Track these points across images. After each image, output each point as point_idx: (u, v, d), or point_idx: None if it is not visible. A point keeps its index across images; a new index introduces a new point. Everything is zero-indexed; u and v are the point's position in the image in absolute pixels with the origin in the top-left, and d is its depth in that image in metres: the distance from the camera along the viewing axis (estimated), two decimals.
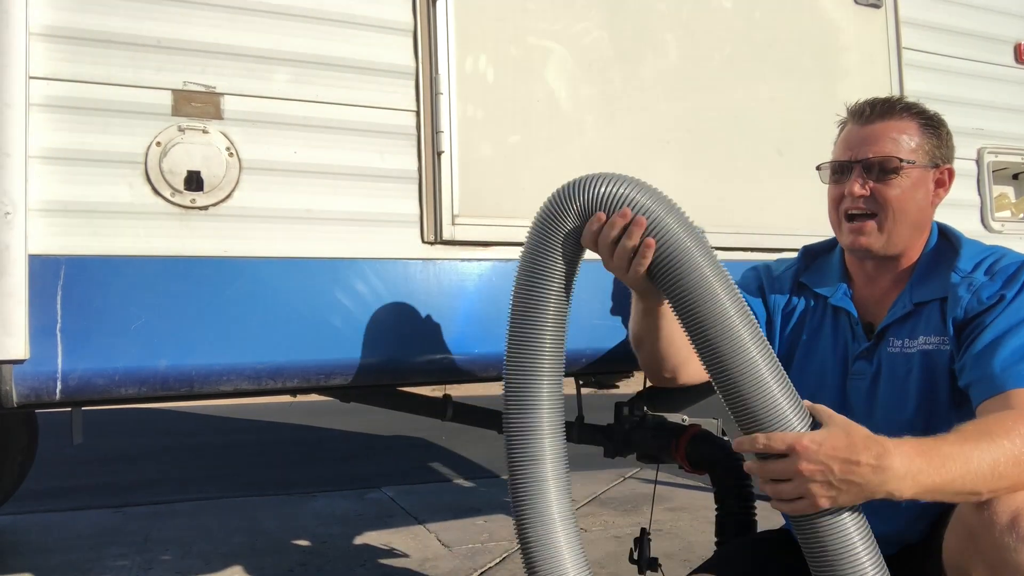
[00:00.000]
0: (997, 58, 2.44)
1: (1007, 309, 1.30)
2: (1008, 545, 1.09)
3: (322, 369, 1.58)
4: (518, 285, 1.31)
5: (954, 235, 1.48)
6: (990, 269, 1.36)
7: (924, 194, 1.44)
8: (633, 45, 1.93)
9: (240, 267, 1.53)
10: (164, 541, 3.48)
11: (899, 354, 1.43)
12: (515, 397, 1.29)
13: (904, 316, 1.43)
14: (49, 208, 1.41)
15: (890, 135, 1.42)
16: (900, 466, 1.09)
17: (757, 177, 2.06)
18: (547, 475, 1.28)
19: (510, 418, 1.30)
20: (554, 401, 1.30)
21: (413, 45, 1.70)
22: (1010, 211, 2.42)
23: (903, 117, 1.44)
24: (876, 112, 1.44)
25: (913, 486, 1.10)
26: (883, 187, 1.40)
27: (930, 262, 1.46)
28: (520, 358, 1.29)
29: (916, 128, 1.44)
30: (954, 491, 1.12)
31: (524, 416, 1.28)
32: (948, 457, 1.11)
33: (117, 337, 1.43)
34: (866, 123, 1.44)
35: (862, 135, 1.43)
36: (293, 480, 4.68)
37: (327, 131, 1.61)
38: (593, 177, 1.24)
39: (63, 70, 1.43)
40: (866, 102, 1.46)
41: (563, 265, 1.28)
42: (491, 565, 3.15)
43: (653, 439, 2.27)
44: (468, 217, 1.70)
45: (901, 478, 1.09)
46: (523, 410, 1.29)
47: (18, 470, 3.51)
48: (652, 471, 2.70)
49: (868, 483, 1.09)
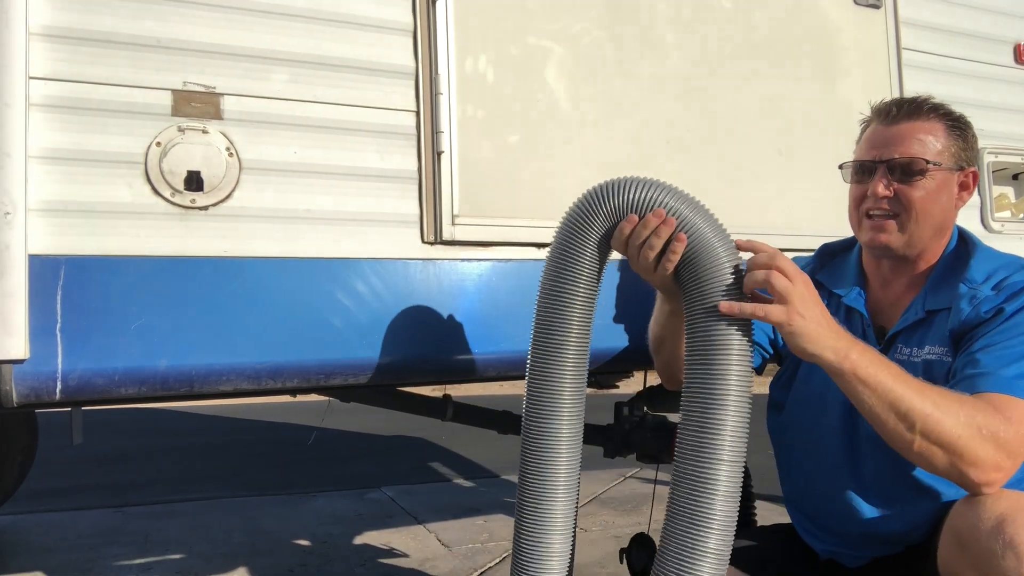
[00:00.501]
0: (997, 58, 2.44)
1: (1003, 324, 1.29)
2: (995, 551, 1.09)
3: (322, 369, 1.58)
4: (545, 285, 1.31)
5: (972, 241, 1.46)
6: (999, 284, 1.34)
7: (948, 197, 1.42)
8: (633, 45, 1.93)
9: (240, 267, 1.53)
10: (164, 541, 3.48)
11: (906, 362, 1.41)
12: (537, 397, 1.30)
13: (915, 323, 1.42)
14: (49, 208, 1.41)
15: (917, 136, 1.40)
16: (856, 343, 1.19)
17: (757, 177, 2.06)
18: (559, 480, 1.29)
19: (531, 416, 1.31)
20: (576, 400, 1.31)
21: (413, 45, 1.70)
22: (1010, 211, 2.42)
23: (930, 118, 1.41)
24: (903, 112, 1.42)
25: (859, 363, 1.17)
26: (908, 188, 1.38)
27: (946, 268, 1.44)
28: (545, 358, 1.30)
29: (943, 130, 1.41)
30: (888, 398, 1.16)
31: (544, 416, 1.29)
32: (893, 368, 1.19)
33: (117, 337, 1.43)
34: (892, 123, 1.42)
35: (888, 135, 1.41)
36: (293, 480, 4.67)
37: (327, 131, 1.61)
38: (625, 180, 1.25)
39: (63, 70, 1.43)
40: (892, 101, 1.45)
41: (592, 266, 1.29)
42: (491, 565, 3.15)
43: (653, 439, 2.27)
44: (468, 217, 1.70)
45: (851, 347, 1.18)
46: (544, 411, 1.29)
47: (18, 470, 3.51)
48: (652, 471, 2.70)
49: (828, 332, 1.18)
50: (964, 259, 1.43)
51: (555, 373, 1.29)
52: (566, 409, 1.30)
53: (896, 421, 1.15)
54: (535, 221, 1.77)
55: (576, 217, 1.28)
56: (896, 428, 1.15)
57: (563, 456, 1.30)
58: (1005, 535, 1.09)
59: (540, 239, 1.77)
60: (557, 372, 1.29)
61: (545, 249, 1.81)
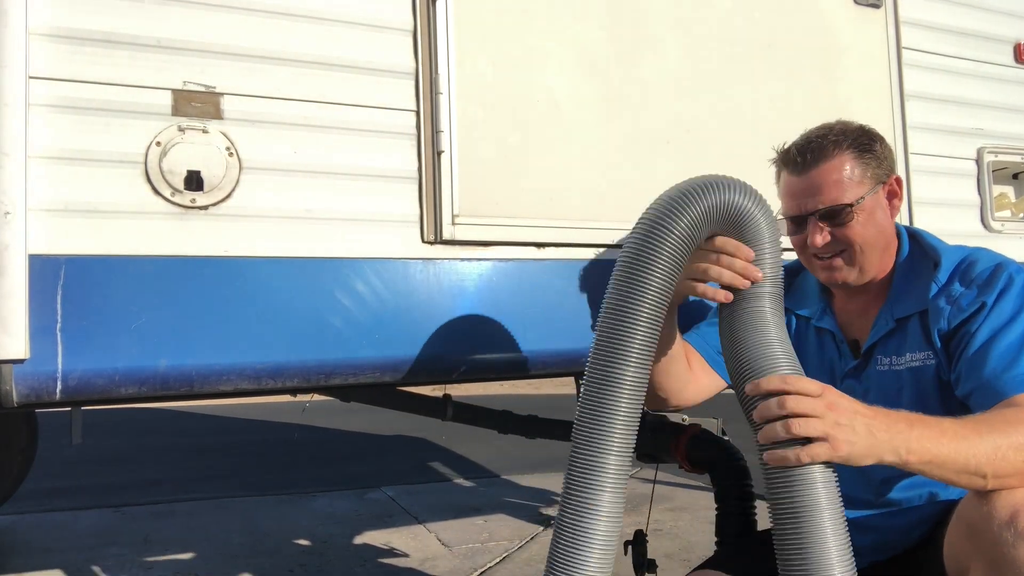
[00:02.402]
0: (997, 58, 2.44)
1: (990, 315, 1.30)
2: (1006, 541, 1.09)
3: (322, 369, 1.58)
4: (618, 289, 1.22)
5: (927, 242, 1.46)
6: (964, 277, 1.36)
7: (882, 214, 1.43)
8: (633, 45, 1.93)
9: (240, 267, 1.53)
10: (164, 541, 3.48)
11: (888, 372, 1.43)
12: (592, 405, 1.19)
13: (888, 333, 1.43)
14: (49, 208, 1.40)
15: (831, 179, 1.39)
16: (908, 427, 1.12)
17: (757, 177, 2.06)
18: (608, 480, 1.17)
19: (585, 419, 1.20)
20: (632, 410, 1.20)
21: (413, 45, 1.70)
22: (1010, 211, 2.42)
23: (836, 155, 1.40)
24: (811, 160, 1.41)
25: (918, 450, 1.11)
26: (843, 230, 1.39)
27: (907, 273, 1.45)
28: (608, 356, 1.19)
29: (852, 159, 1.40)
30: (956, 466, 1.12)
31: (599, 420, 1.18)
32: (947, 431, 1.13)
33: (117, 337, 1.43)
34: (803, 172, 1.42)
35: (803, 186, 1.42)
36: (293, 480, 4.68)
37: (327, 131, 1.61)
38: (747, 191, 1.25)
39: (63, 70, 1.43)
40: (795, 147, 1.44)
41: (671, 266, 1.22)
42: (491, 565, 3.15)
43: (653, 439, 2.27)
44: (468, 217, 1.70)
45: (907, 438, 1.11)
46: (599, 416, 1.18)
47: (18, 470, 3.51)
48: (652, 471, 2.70)
49: (880, 439, 1.10)
50: (922, 259, 1.44)
51: (611, 387, 1.18)
52: (620, 417, 1.19)
53: (970, 478, 1.14)
54: (535, 221, 1.77)
55: (662, 217, 1.21)
56: (971, 483, 1.15)
57: (612, 461, 1.18)
58: (1018, 525, 1.09)
59: (540, 239, 1.77)
60: (615, 382, 1.19)
61: (545, 249, 1.83)
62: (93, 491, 4.38)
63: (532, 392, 8.32)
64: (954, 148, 2.31)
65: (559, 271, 1.80)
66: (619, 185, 1.87)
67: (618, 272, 1.24)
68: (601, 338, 1.21)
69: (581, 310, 1.81)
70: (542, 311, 1.77)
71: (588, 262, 1.83)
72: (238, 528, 3.68)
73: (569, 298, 1.80)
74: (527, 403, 4.18)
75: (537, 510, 4.01)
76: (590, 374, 1.21)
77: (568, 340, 1.79)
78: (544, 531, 3.64)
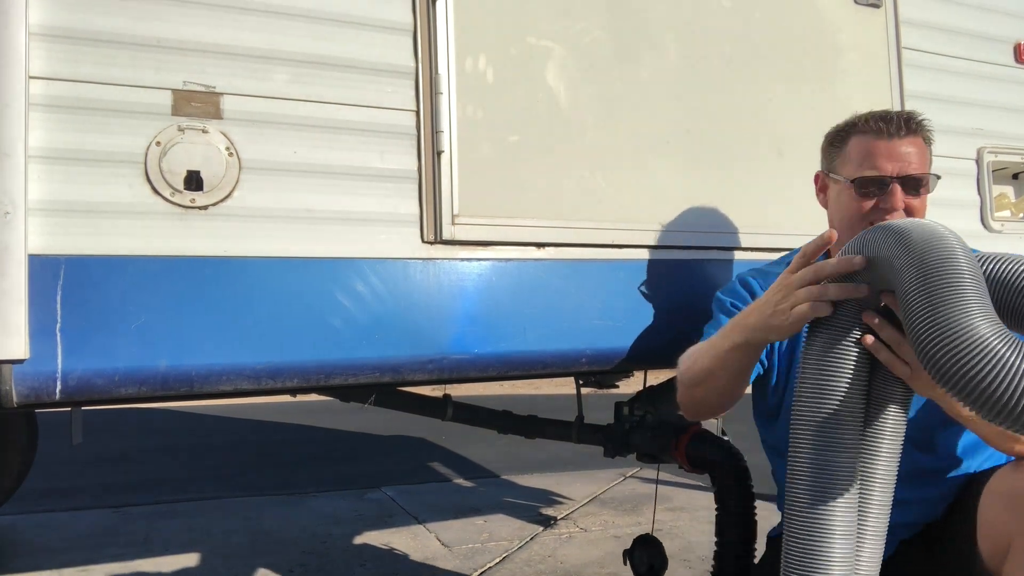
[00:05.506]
0: (997, 58, 2.44)
1: None
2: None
3: (322, 369, 1.58)
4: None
5: None
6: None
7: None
8: (633, 45, 1.93)
9: (240, 267, 1.53)
10: (164, 541, 3.48)
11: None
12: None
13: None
14: (49, 208, 1.40)
15: (921, 149, 1.50)
16: None
17: (757, 177, 2.06)
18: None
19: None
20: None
21: (413, 45, 1.70)
22: (1010, 211, 2.42)
23: (921, 133, 1.52)
24: (910, 128, 1.49)
25: None
26: (915, 200, 1.48)
27: None
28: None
29: (924, 143, 1.53)
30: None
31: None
32: None
33: (117, 337, 1.43)
34: (897, 137, 1.48)
35: (900, 151, 1.48)
36: (293, 480, 4.67)
37: (327, 131, 1.61)
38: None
39: (63, 70, 1.43)
40: (893, 115, 1.50)
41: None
42: (491, 565, 3.15)
43: (653, 439, 2.27)
44: (468, 217, 1.70)
45: None
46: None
47: (18, 470, 3.51)
48: (652, 471, 2.70)
49: None
50: None
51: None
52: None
53: (1011, 444, 1.18)
54: (535, 221, 1.77)
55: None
56: (1012, 450, 1.20)
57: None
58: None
59: (540, 239, 1.77)
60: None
61: (545, 249, 1.83)
62: (93, 491, 4.38)
63: (532, 392, 8.32)
64: (954, 148, 2.30)
65: (559, 271, 1.80)
66: (619, 185, 1.87)
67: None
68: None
69: (581, 310, 1.81)
70: (542, 311, 1.77)
71: (588, 262, 1.83)
72: (238, 528, 3.68)
73: (569, 298, 1.80)
74: (527, 403, 4.18)
75: (537, 510, 4.01)
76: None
77: (568, 340, 1.79)
78: (544, 531, 3.64)
